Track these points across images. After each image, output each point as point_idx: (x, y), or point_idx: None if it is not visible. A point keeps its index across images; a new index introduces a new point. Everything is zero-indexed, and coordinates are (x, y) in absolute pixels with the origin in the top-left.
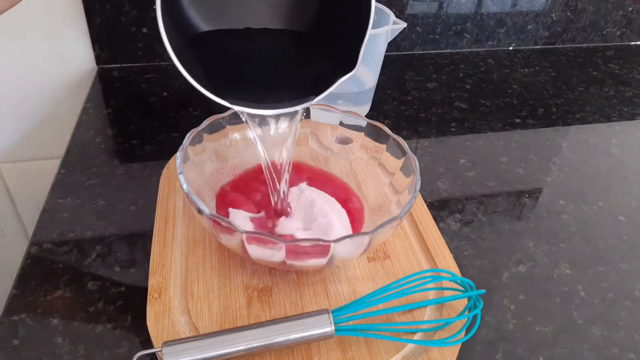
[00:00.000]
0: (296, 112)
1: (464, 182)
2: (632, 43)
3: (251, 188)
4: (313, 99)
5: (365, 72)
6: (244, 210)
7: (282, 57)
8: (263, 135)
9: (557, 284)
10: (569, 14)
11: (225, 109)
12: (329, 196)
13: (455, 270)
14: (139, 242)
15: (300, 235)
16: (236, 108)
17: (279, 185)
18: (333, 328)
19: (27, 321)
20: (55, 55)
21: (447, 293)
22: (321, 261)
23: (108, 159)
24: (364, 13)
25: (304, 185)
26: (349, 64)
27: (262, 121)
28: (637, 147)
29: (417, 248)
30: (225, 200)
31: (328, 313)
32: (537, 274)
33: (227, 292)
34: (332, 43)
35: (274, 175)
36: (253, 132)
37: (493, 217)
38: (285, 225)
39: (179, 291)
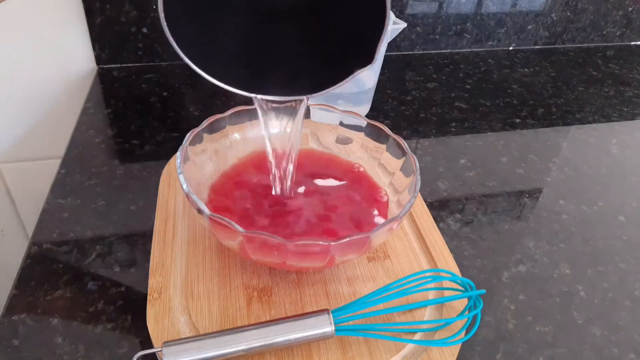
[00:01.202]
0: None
1: (464, 182)
2: (632, 43)
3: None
4: (327, 89)
5: (365, 72)
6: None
7: (297, 47)
8: (273, 127)
9: (557, 284)
10: (569, 14)
11: (225, 108)
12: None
13: (456, 270)
14: (139, 242)
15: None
16: (246, 94)
17: (284, 177)
18: (333, 328)
19: (27, 321)
20: (55, 55)
21: (447, 293)
22: (321, 261)
23: (108, 159)
24: (380, 6)
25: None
26: (367, 58)
27: (271, 114)
28: (637, 147)
29: (417, 248)
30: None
31: (328, 313)
32: (537, 274)
33: (227, 292)
34: (350, 35)
35: (281, 165)
36: (265, 123)
37: (493, 217)
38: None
39: (179, 291)
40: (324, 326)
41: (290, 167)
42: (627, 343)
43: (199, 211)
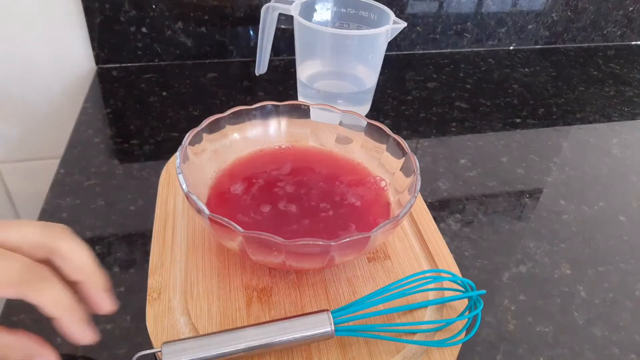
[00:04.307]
0: None
1: (465, 182)
2: (633, 43)
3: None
4: None
5: (365, 72)
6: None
7: None
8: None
9: (557, 284)
10: (569, 13)
11: (225, 108)
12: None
13: (456, 270)
14: (139, 242)
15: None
16: None
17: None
18: (333, 328)
19: (27, 322)
20: (54, 55)
21: (448, 293)
22: (321, 261)
23: (107, 159)
24: None
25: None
26: None
27: None
28: (638, 147)
29: (418, 248)
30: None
31: (328, 313)
32: (538, 275)
33: (226, 292)
34: None
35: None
36: None
37: (493, 218)
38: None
39: (178, 291)
40: (323, 326)
41: None
42: (628, 343)
43: (199, 211)
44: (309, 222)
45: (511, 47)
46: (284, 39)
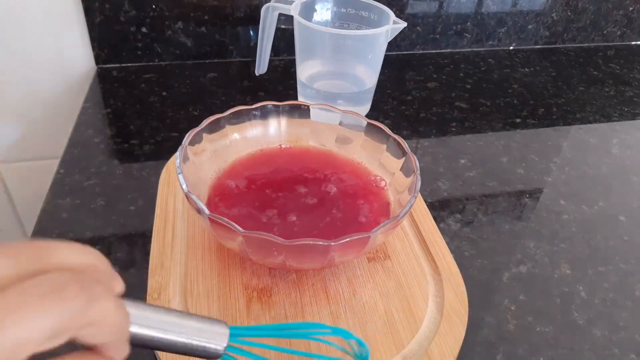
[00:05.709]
0: None
1: (464, 182)
2: (633, 43)
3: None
4: None
5: (366, 72)
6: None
7: None
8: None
9: (557, 284)
10: (569, 13)
11: (225, 108)
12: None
13: (456, 270)
14: (139, 242)
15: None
16: None
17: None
18: (224, 346)
19: None
20: (54, 55)
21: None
22: (321, 261)
23: (107, 159)
24: None
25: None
26: None
27: None
28: (637, 147)
29: (417, 248)
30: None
31: (226, 326)
32: (538, 275)
33: (226, 292)
34: None
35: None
36: None
37: (493, 217)
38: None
39: (178, 292)
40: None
41: None
42: (628, 343)
43: (199, 211)
44: (308, 221)
45: (511, 47)
46: (284, 39)
